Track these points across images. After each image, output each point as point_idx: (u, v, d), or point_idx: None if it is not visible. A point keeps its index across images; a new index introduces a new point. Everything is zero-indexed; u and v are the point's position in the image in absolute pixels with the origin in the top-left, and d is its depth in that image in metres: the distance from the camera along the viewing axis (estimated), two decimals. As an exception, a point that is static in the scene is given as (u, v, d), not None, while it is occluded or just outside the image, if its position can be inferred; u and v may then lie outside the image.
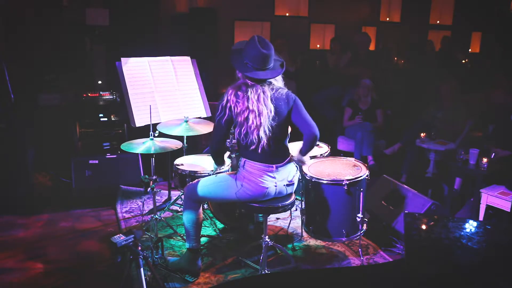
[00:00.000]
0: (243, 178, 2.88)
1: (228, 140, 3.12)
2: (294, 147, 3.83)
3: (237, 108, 2.73)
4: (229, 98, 2.75)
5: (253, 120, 2.71)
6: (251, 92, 2.73)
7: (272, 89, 2.81)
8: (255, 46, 2.72)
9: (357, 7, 8.56)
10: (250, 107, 2.71)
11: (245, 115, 2.72)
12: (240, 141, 2.83)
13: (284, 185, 2.94)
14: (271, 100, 2.77)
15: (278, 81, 2.89)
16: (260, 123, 2.72)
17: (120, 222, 3.94)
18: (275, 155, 2.86)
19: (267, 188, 2.86)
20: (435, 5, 9.51)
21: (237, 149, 3.75)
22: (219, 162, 3.10)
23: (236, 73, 2.86)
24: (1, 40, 5.30)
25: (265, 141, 2.76)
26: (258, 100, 2.72)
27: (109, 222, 3.99)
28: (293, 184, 3.00)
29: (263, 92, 2.75)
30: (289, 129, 3.15)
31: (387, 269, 2.23)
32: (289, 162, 2.95)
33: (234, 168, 3.31)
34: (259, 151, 2.79)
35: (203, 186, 2.99)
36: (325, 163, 3.46)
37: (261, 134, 2.74)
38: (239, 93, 2.75)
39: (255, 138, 2.76)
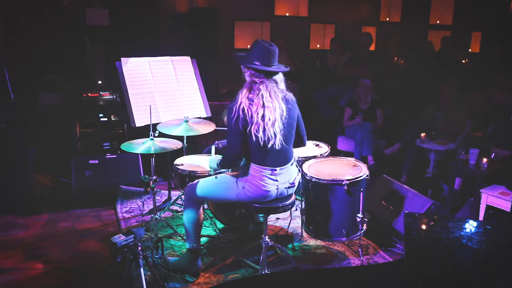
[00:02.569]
0: (245, 181, 2.86)
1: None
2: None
3: (252, 109, 2.70)
4: (242, 100, 2.72)
5: (269, 116, 2.71)
6: (263, 88, 2.73)
7: (282, 91, 2.84)
8: (260, 45, 2.79)
9: (357, 7, 8.56)
10: (266, 104, 2.71)
11: (262, 113, 2.70)
12: (258, 140, 2.73)
13: (286, 188, 2.94)
14: (282, 100, 2.79)
15: (282, 84, 2.89)
16: (275, 118, 2.73)
17: (120, 222, 3.95)
18: (281, 157, 2.85)
19: (269, 191, 2.86)
20: (435, 5, 9.51)
21: None
22: (229, 167, 3.05)
23: (243, 73, 2.86)
24: (1, 40, 5.30)
25: (279, 137, 2.75)
26: (270, 96, 2.73)
27: (109, 222, 3.99)
28: (294, 186, 3.00)
29: (274, 91, 2.77)
30: None
31: (387, 269, 2.23)
32: (291, 164, 2.95)
33: (235, 169, 3.30)
34: (274, 148, 2.75)
35: (204, 187, 2.99)
36: (325, 163, 3.46)
37: (276, 129, 2.73)
38: (251, 94, 2.73)
39: (271, 134, 2.72)
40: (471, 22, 9.42)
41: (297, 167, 3.08)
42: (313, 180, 3.18)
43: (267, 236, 3.06)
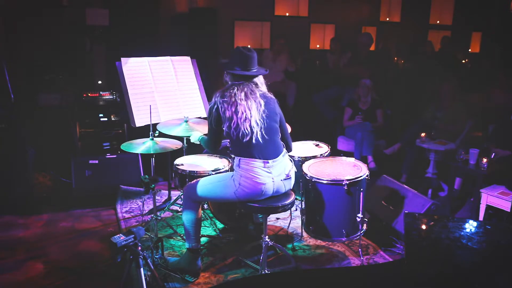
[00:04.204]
0: (240, 177, 2.88)
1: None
2: (297, 148, 3.83)
3: (223, 106, 2.81)
4: (216, 100, 2.85)
5: (242, 112, 2.78)
6: (237, 89, 2.82)
7: (261, 90, 2.92)
8: (238, 51, 2.90)
9: (357, 7, 8.57)
10: (239, 102, 2.79)
11: (233, 109, 2.78)
12: (231, 136, 2.84)
13: (282, 180, 2.94)
14: (260, 96, 2.87)
15: (263, 86, 2.98)
16: (251, 115, 2.79)
17: (120, 222, 3.94)
18: (268, 149, 2.88)
19: (264, 184, 2.86)
20: (435, 5, 9.52)
21: None
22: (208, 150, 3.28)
23: (224, 77, 2.97)
24: (1, 40, 5.30)
25: (258, 131, 2.81)
26: (246, 95, 2.81)
27: (109, 222, 3.99)
28: (290, 178, 3.00)
29: (251, 90, 2.85)
30: (289, 129, 3.17)
31: (387, 269, 2.23)
32: (283, 156, 2.96)
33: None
34: (253, 142, 2.81)
35: (202, 186, 3.00)
36: (325, 163, 3.46)
37: (253, 124, 2.80)
38: (225, 93, 2.84)
39: (246, 129, 2.79)
40: (471, 22, 9.43)
41: (291, 160, 3.09)
42: (313, 180, 3.18)
43: (267, 236, 3.07)
